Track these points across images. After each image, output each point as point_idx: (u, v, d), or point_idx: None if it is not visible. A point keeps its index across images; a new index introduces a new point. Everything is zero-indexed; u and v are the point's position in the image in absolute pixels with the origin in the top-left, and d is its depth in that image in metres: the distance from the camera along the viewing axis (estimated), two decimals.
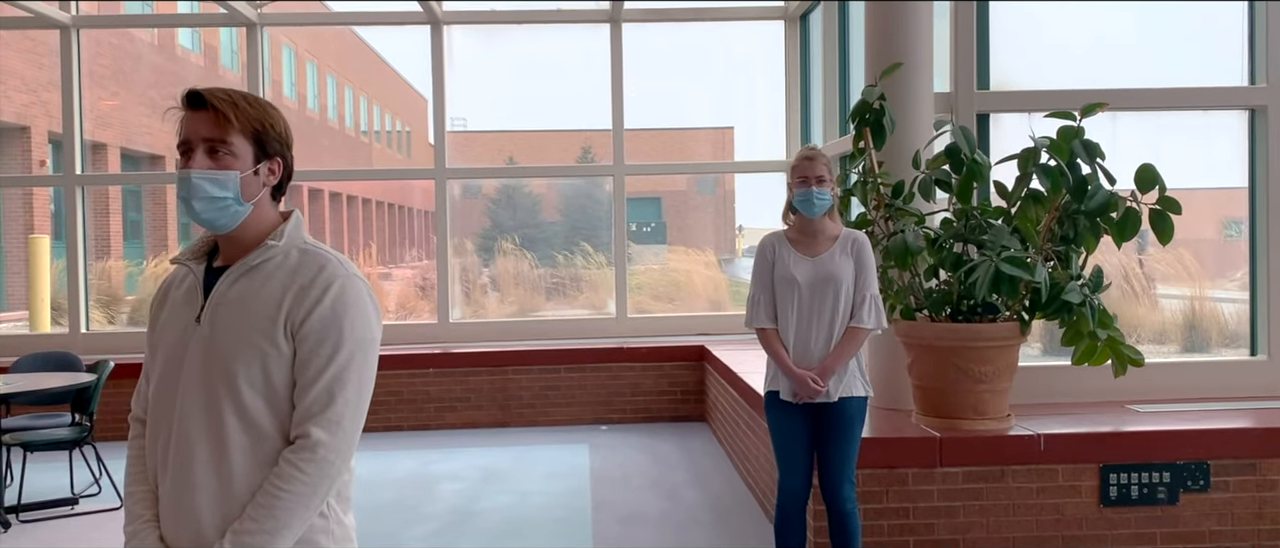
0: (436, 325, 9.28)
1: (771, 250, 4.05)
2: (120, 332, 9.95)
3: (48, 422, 6.52)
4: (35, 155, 15.85)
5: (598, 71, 11.65)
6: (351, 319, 1.99)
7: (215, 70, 22.52)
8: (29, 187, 15.82)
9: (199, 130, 1.99)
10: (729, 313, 9.76)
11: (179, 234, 19.92)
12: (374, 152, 31.90)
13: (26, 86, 15.77)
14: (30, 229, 15.49)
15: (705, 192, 23.01)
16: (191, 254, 2.13)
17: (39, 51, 16.14)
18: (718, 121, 13.80)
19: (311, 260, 2.03)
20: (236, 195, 2.00)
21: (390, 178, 19.30)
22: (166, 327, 2.08)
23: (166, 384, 2.03)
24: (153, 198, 19.27)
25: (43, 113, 16.12)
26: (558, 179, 13.12)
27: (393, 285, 16.01)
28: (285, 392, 1.98)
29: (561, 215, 16.61)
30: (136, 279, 13.33)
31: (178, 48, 21.01)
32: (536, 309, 13.24)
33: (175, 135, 2.06)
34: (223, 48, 23.05)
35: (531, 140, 14.56)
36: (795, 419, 3.98)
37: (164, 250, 18.14)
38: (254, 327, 1.97)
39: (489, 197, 24.33)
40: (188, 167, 1.98)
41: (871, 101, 4.93)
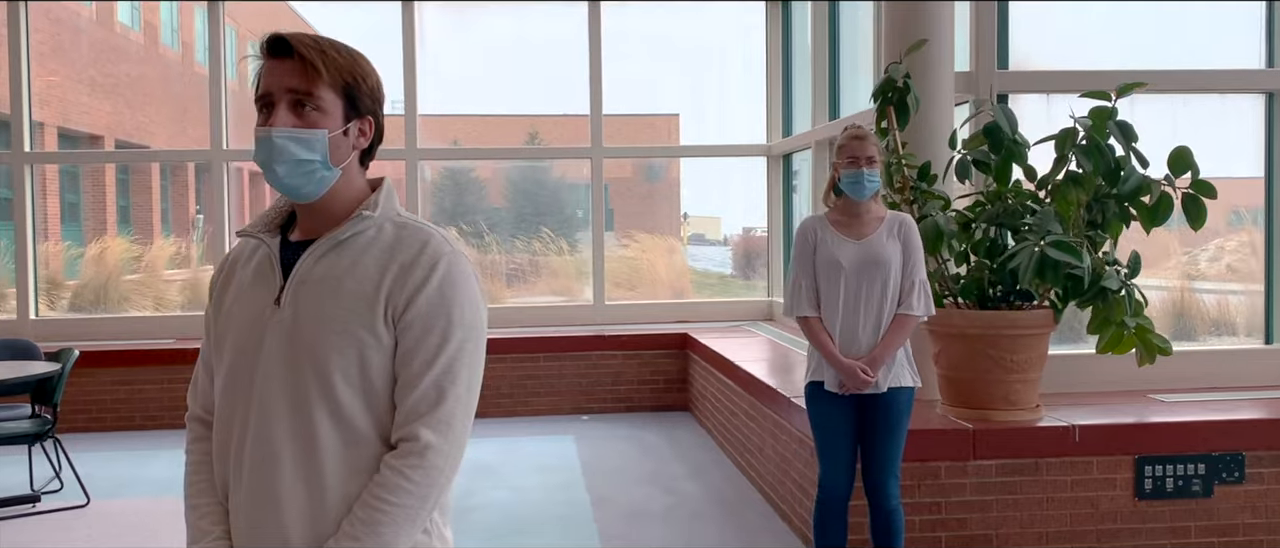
0: None
1: (813, 234, 3.84)
2: (70, 318, 9.50)
3: (5, 414, 6.11)
4: None
5: (556, 54, 11.37)
6: (461, 303, 1.73)
7: (155, 48, 21.77)
8: None
9: (283, 81, 1.70)
10: (698, 300, 9.60)
11: (118, 217, 19.23)
12: None
13: None
14: None
15: (651, 179, 22.78)
16: (263, 226, 1.84)
17: None
18: (682, 106, 13.58)
19: (411, 235, 1.76)
20: (324, 158, 1.73)
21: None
22: (235, 311, 1.79)
23: (239, 378, 1.75)
24: (91, 179, 18.54)
25: None
26: (504, 163, 12.80)
27: None
28: (384, 387, 1.71)
29: (507, 201, 16.28)
30: (77, 263, 12.77)
31: (117, 24, 20.25)
32: (497, 296, 12.93)
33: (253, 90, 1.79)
34: (163, 25, 22.27)
35: (476, 124, 14.13)
36: (840, 411, 3.78)
37: (103, 233, 17.49)
38: (349, 311, 1.69)
39: (432, 181, 23.88)
40: (269, 124, 1.70)
41: (897, 79, 4.74)
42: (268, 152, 1.70)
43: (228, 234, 8.71)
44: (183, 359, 7.88)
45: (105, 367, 7.72)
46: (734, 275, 19.79)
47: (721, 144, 9.77)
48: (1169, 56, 5.67)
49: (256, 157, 1.72)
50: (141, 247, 13.21)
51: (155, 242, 16.11)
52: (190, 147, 21.80)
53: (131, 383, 7.81)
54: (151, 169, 20.32)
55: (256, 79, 1.77)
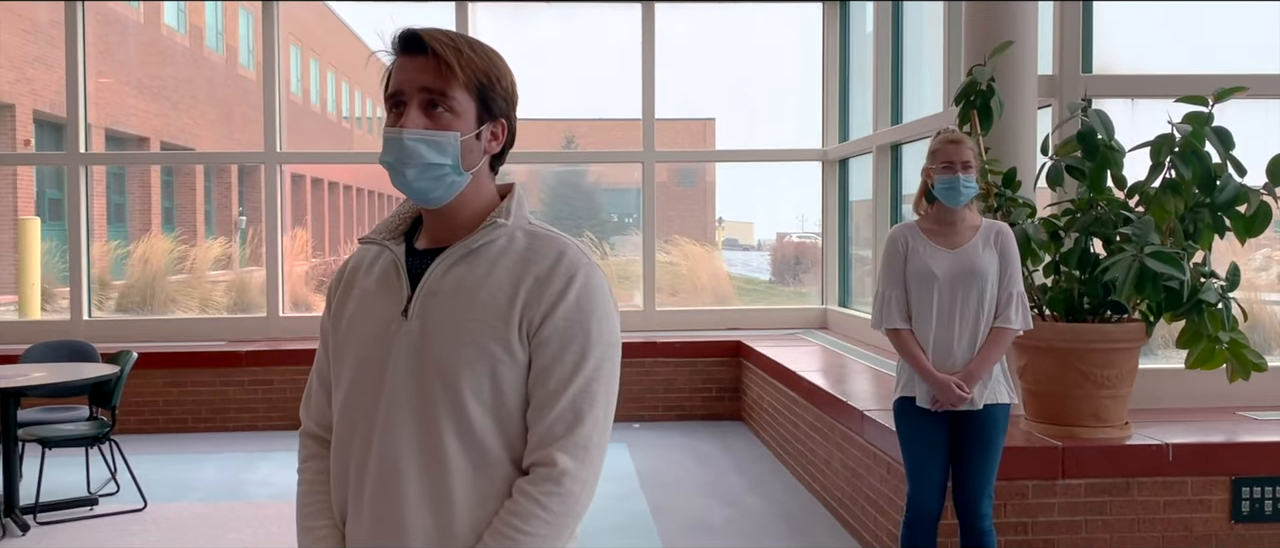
0: None
1: (904, 243, 3.69)
2: (123, 319, 9.50)
3: (64, 416, 6.07)
4: (20, 135, 15.25)
5: (598, 57, 11.23)
6: (599, 318, 1.61)
7: (200, 51, 21.92)
8: (30, 165, 15.30)
9: (416, 80, 1.60)
10: (749, 307, 9.46)
11: (162, 218, 19.35)
12: (355, 137, 31.35)
13: (12, 63, 15.16)
14: (15, 211, 14.90)
15: (685, 184, 22.70)
16: (388, 232, 1.73)
17: (25, 26, 15.54)
18: (725, 110, 13.45)
19: (545, 245, 1.64)
20: (455, 162, 1.61)
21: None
22: (357, 321, 1.68)
23: (362, 395, 1.64)
24: (137, 180, 18.68)
25: (28, 90, 15.52)
26: (541, 167, 12.73)
27: None
28: (516, 407, 1.60)
29: (544, 205, 16.21)
30: (124, 263, 12.82)
31: (164, 27, 20.40)
32: None
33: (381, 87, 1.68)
34: (208, 28, 22.43)
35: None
36: (933, 428, 3.63)
37: (148, 233, 17.59)
38: (481, 325, 1.58)
39: None
40: (399, 124, 1.59)
41: (980, 82, 4.59)
42: (397, 153, 1.59)
43: (280, 236, 8.65)
44: (235, 362, 7.83)
45: (157, 368, 7.68)
46: (773, 282, 19.62)
47: (774, 149, 9.62)
48: (1266, 61, 5.47)
49: (384, 158, 1.62)
50: (186, 247, 13.27)
51: (199, 242, 16.22)
52: (233, 149, 21.99)
53: (183, 385, 7.77)
54: (196, 171, 20.46)
55: (385, 77, 1.66)
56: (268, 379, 7.86)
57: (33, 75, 15.62)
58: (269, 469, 6.63)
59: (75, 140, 8.47)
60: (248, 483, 6.32)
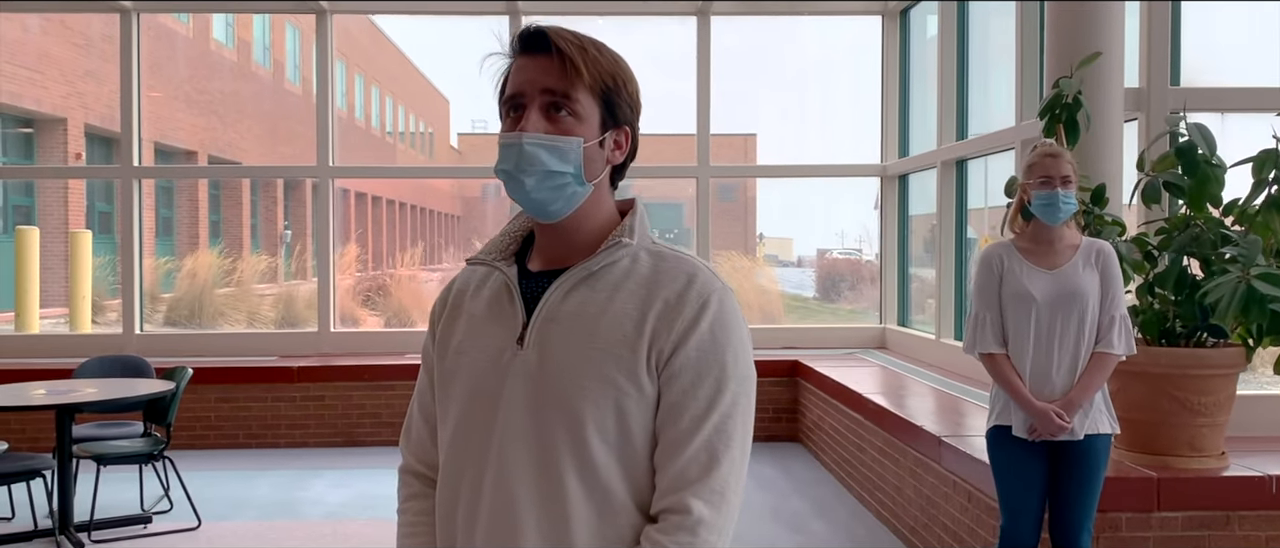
0: None
1: (999, 263, 3.51)
2: (175, 333, 9.48)
3: (118, 432, 6.01)
4: (71, 148, 15.39)
5: (642, 70, 11.07)
6: (735, 349, 1.46)
7: (248, 65, 22.08)
8: (84, 178, 15.47)
9: (538, 80, 1.46)
10: (803, 326, 9.25)
11: (210, 232, 19.47)
12: (398, 152, 31.49)
13: (64, 77, 15.31)
14: (65, 224, 15.01)
15: (725, 199, 22.55)
16: (498, 252, 1.58)
17: (77, 41, 15.69)
18: (771, 124, 13.30)
19: (673, 267, 1.49)
20: (578, 171, 1.47)
21: (467, 176, 18.68)
22: (466, 349, 1.54)
23: (472, 431, 1.50)
24: (185, 194, 18.81)
25: (79, 105, 15.67)
26: None
27: (429, 288, 15.47)
28: (644, 446, 1.44)
29: None
30: (173, 277, 12.86)
31: (212, 41, 20.57)
32: None
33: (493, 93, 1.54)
34: (255, 43, 22.61)
35: None
36: (1030, 459, 3.44)
37: (196, 248, 17.69)
38: (606, 355, 1.43)
39: (504, 200, 23.89)
40: (518, 128, 1.46)
41: (1066, 95, 4.40)
42: (516, 159, 1.45)
43: (333, 251, 8.58)
44: (286, 378, 7.75)
45: (209, 384, 7.62)
46: (818, 298, 19.38)
47: (832, 164, 9.44)
48: None
49: (501, 165, 1.48)
50: (232, 261, 13.31)
51: (245, 256, 16.27)
52: (279, 162, 22.12)
53: (235, 400, 7.70)
54: (242, 185, 20.59)
55: (502, 79, 1.53)
56: (319, 395, 7.77)
57: (84, 89, 15.76)
58: (322, 488, 6.52)
59: (129, 154, 8.46)
60: (302, 502, 6.22)
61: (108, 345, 8.10)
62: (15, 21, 13.61)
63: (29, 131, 15.37)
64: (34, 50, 14.55)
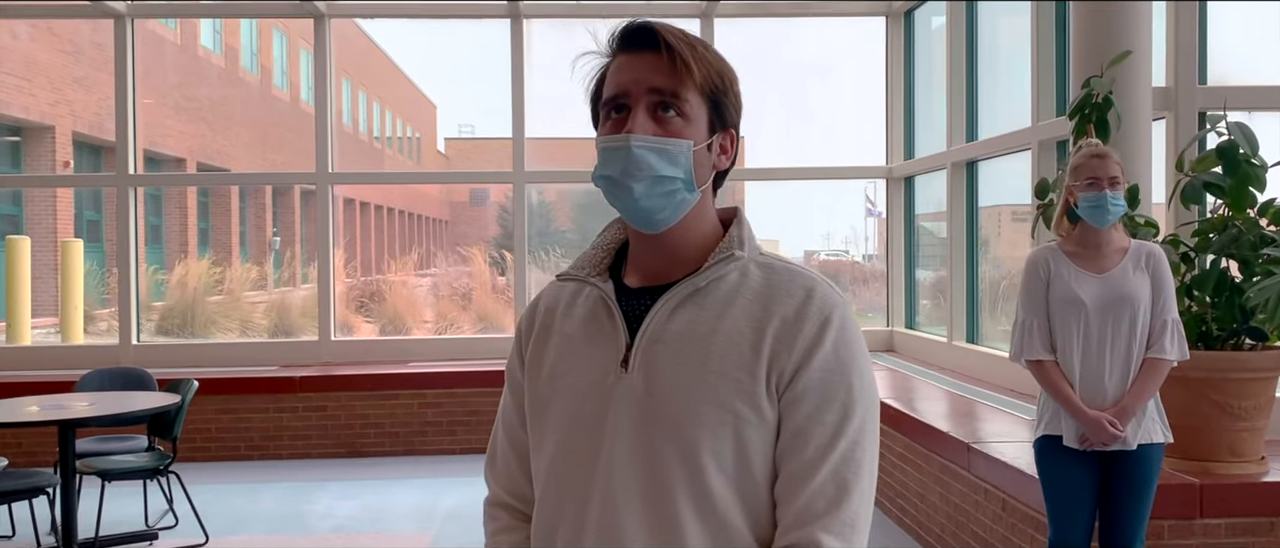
0: (511, 338, 8.60)
1: (1046, 267, 3.41)
2: (172, 343, 9.33)
3: (122, 446, 5.86)
4: (59, 156, 15.18)
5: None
6: (860, 370, 1.35)
7: (235, 72, 21.88)
8: (79, 187, 15.29)
9: (644, 79, 1.35)
10: None
11: (198, 240, 19.27)
12: (386, 158, 31.29)
13: (52, 84, 15.10)
14: (54, 233, 14.80)
15: (718, 200, 22.43)
16: (592, 267, 1.47)
17: (65, 48, 15.49)
18: (764, 126, 13.24)
19: (786, 281, 1.38)
20: (688, 176, 1.37)
21: (467, 181, 18.52)
22: (563, 372, 1.42)
23: (573, 461, 1.38)
24: (175, 202, 18.61)
25: (68, 112, 15.46)
26: (570, 187, 12.50)
27: (422, 294, 15.32)
28: (764, 477, 1.33)
29: (574, 224, 16.00)
30: (163, 286, 12.68)
31: (200, 48, 20.36)
32: None
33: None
34: (243, 49, 22.41)
35: (541, 147, 14.03)
36: (1081, 469, 3.34)
37: (185, 256, 17.49)
38: (721, 378, 1.32)
39: (499, 204, 23.71)
40: (625, 130, 1.34)
41: (1096, 94, 4.32)
42: (624, 164, 1.34)
43: (332, 257, 8.45)
44: (288, 388, 7.61)
45: (209, 394, 7.46)
46: None
47: (836, 166, 9.35)
48: None
49: (604, 170, 1.37)
50: (222, 269, 13.13)
51: (234, 263, 16.09)
52: (267, 169, 21.92)
53: (235, 411, 7.55)
54: (231, 192, 20.37)
55: (596, 79, 1.42)
56: (321, 406, 7.64)
57: (72, 97, 15.56)
58: (329, 500, 6.39)
59: (125, 161, 8.30)
60: (309, 515, 6.09)
61: (104, 356, 7.94)
62: (4, 28, 13.42)
63: (16, 140, 15.16)
64: (22, 57, 14.35)
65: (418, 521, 5.98)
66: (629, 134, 1.34)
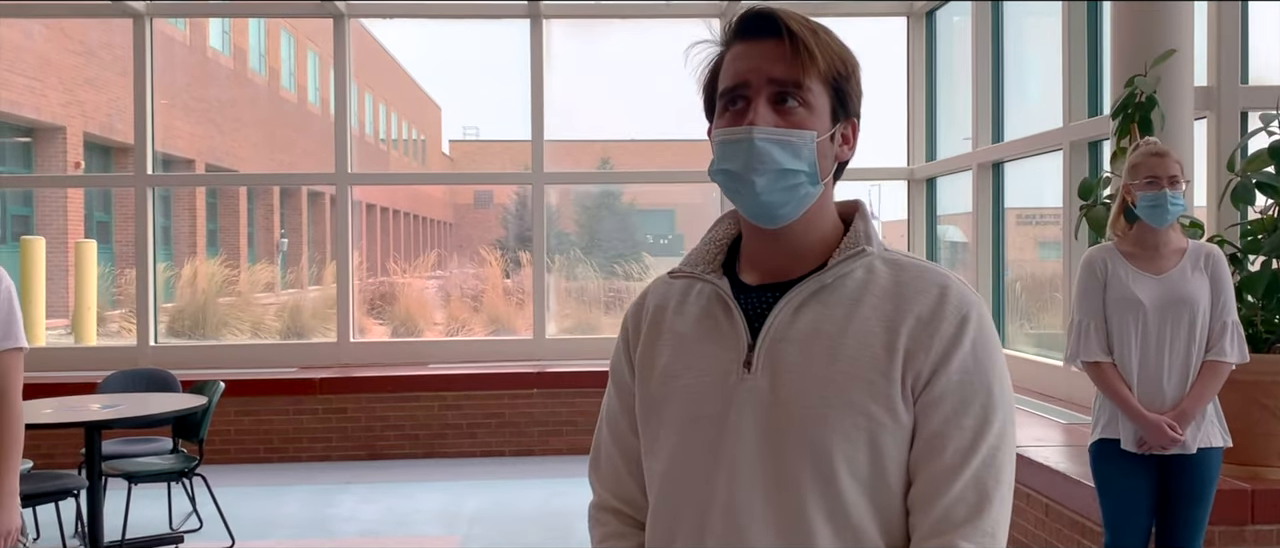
0: (531, 342, 8.58)
1: (1102, 267, 3.35)
2: (190, 345, 9.29)
3: (147, 448, 5.81)
4: (70, 157, 15.14)
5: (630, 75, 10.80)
6: (999, 371, 1.30)
7: (244, 72, 21.85)
8: (97, 187, 15.32)
9: (765, 68, 1.29)
10: None
11: (207, 241, 19.23)
12: (392, 159, 31.26)
13: (63, 85, 15.06)
14: (65, 234, 14.76)
15: (718, 203, 22.36)
16: (705, 263, 1.41)
17: (76, 48, 15.46)
18: None
19: (917, 278, 1.32)
20: (812, 169, 1.31)
21: (483, 182, 18.44)
22: (678, 373, 1.36)
23: (692, 466, 1.33)
24: (184, 203, 18.56)
25: (79, 113, 15.43)
26: (574, 188, 12.45)
27: (432, 295, 15.28)
28: (899, 484, 1.28)
29: (578, 226, 15.96)
30: (172, 286, 12.64)
31: (209, 49, 20.33)
32: (594, 325, 12.57)
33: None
34: (251, 50, 22.38)
35: (548, 149, 14.15)
36: (1138, 474, 3.29)
37: (193, 256, 17.46)
38: (853, 380, 1.26)
39: (503, 205, 23.65)
40: (746, 122, 1.29)
41: (1139, 94, 4.27)
42: (745, 157, 1.28)
43: (351, 259, 8.40)
44: (307, 390, 7.56)
45: (228, 396, 7.37)
46: None
47: (855, 168, 9.28)
48: None
49: (723, 164, 1.31)
50: (231, 270, 13.10)
51: (243, 265, 16.06)
52: (275, 170, 21.90)
53: (256, 413, 7.50)
54: (239, 193, 20.34)
55: (709, 69, 1.36)
56: (341, 408, 7.58)
57: (83, 97, 15.52)
58: (352, 504, 6.34)
59: (143, 162, 8.26)
60: (333, 519, 6.04)
61: (122, 358, 7.89)
62: (17, 28, 13.37)
63: (27, 141, 15.13)
64: (35, 58, 14.32)
65: (444, 524, 5.92)
66: (751, 126, 1.29)
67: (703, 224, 6.33)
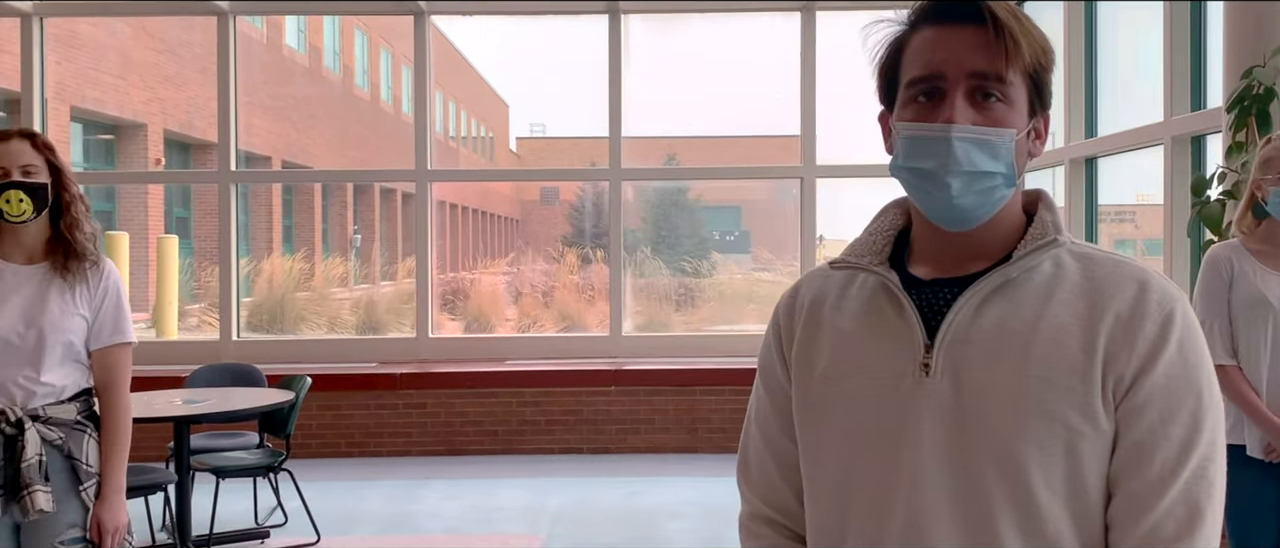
0: (608, 339, 8.52)
1: (1228, 266, 3.19)
2: (271, 340, 9.40)
3: (233, 443, 5.86)
4: (151, 153, 15.46)
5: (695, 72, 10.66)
6: (1208, 374, 1.20)
7: (319, 71, 22.15)
8: (181, 183, 15.69)
9: (965, 60, 1.19)
10: None
11: (283, 237, 19.53)
12: (461, 156, 31.51)
13: (145, 83, 15.38)
14: (146, 229, 15.07)
15: (785, 200, 22.24)
16: (872, 254, 1.31)
17: (156, 46, 15.77)
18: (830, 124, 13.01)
19: (1113, 271, 1.22)
20: (1009, 170, 1.21)
21: (561, 178, 18.50)
22: (844, 373, 1.27)
23: (863, 475, 1.24)
24: (259, 199, 18.86)
25: (159, 110, 15.74)
26: (640, 184, 12.35)
27: (502, 291, 15.34)
28: (1099, 499, 1.18)
29: (644, 222, 15.87)
30: (251, 281, 12.83)
31: (285, 47, 20.63)
32: (665, 322, 12.50)
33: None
34: (326, 48, 22.68)
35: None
36: (1266, 483, 3.13)
37: (269, 252, 17.73)
38: (1047, 385, 1.16)
39: (568, 202, 23.67)
40: (944, 118, 1.19)
41: (1255, 85, 4.08)
42: (943, 157, 1.18)
43: (430, 255, 8.42)
44: (388, 385, 7.59)
45: (309, 390, 7.46)
46: None
47: None
48: None
49: (916, 161, 1.21)
50: (307, 264, 13.27)
51: (317, 260, 16.27)
52: (348, 166, 22.17)
53: (337, 408, 7.55)
54: (314, 190, 20.63)
55: (889, 52, 1.27)
56: (421, 403, 7.60)
57: (164, 95, 15.83)
58: (435, 500, 6.34)
59: (226, 158, 8.37)
60: (417, 515, 6.04)
61: (205, 352, 8.00)
62: (102, 26, 13.67)
63: (110, 138, 15.47)
64: (117, 56, 14.63)
65: (527, 521, 5.89)
66: (949, 124, 1.18)
67: (770, 221, 6.20)
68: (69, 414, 2.80)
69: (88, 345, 2.85)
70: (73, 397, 2.83)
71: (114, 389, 2.87)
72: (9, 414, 2.71)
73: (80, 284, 2.81)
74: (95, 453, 2.84)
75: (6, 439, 2.70)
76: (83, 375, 2.87)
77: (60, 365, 2.79)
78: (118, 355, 2.88)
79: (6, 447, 2.69)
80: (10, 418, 2.71)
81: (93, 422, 2.88)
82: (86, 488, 2.81)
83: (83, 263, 2.82)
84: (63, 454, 2.78)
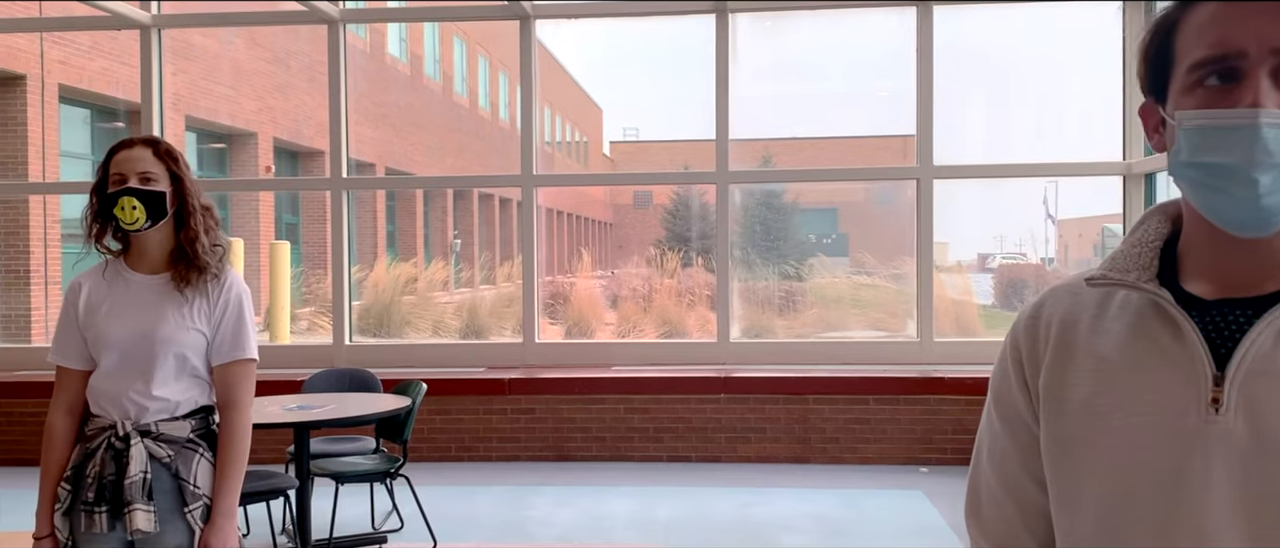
0: (715, 345, 8.36)
1: None
2: (382, 344, 9.47)
3: (350, 447, 5.86)
4: (261, 162, 15.81)
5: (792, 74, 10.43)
6: None
7: (419, 79, 22.45)
8: (299, 189, 16.08)
9: (1270, 33, 1.01)
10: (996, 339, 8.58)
11: (386, 242, 19.82)
12: (556, 161, 31.68)
13: (255, 92, 15.74)
14: (258, 236, 15.41)
15: (883, 202, 21.80)
16: (1140, 269, 1.12)
17: (266, 56, 16.12)
18: (991, 118, 12.58)
19: None
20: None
21: (669, 182, 18.43)
22: (1110, 407, 1.10)
23: (1139, 529, 1.06)
24: (364, 205, 19.18)
25: (269, 119, 16.09)
26: (739, 186, 12.13)
27: (600, 295, 15.28)
28: None
29: (738, 225, 15.63)
30: (358, 285, 13.00)
31: (387, 56, 20.96)
32: (768, 327, 12.29)
33: None
34: (426, 57, 22.98)
35: (705, 149, 13.92)
36: None
37: (374, 258, 17.98)
38: None
39: (662, 206, 23.50)
40: (1248, 103, 1.00)
41: None
42: (1248, 149, 1.00)
43: (537, 260, 8.37)
44: (498, 390, 7.56)
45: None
46: (997, 306, 18.48)
47: (1064, 163, 8.74)
48: None
49: (1211, 155, 1.03)
50: (412, 269, 13.40)
51: (420, 265, 16.47)
52: (449, 173, 22.44)
53: (447, 412, 7.54)
54: (416, 196, 20.93)
55: (1158, 33, 1.10)
56: (530, 409, 7.55)
57: (273, 104, 16.18)
58: (547, 506, 6.26)
59: (338, 165, 8.45)
60: (530, 521, 5.97)
61: (319, 357, 8.08)
62: (215, 37, 14.02)
63: (222, 146, 15.87)
64: (230, 66, 15.00)
65: (639, 530, 5.78)
66: (1257, 108, 1.00)
67: (867, 223, 5.90)
68: (181, 431, 2.70)
69: (208, 361, 2.76)
70: (189, 414, 2.74)
71: (232, 407, 2.76)
72: (119, 428, 2.65)
73: (199, 297, 2.73)
74: (205, 474, 2.72)
75: (115, 453, 2.64)
76: (201, 392, 2.77)
77: (174, 380, 2.70)
78: (237, 372, 2.76)
79: (115, 462, 2.63)
80: (119, 432, 2.64)
81: (207, 441, 2.76)
82: (192, 510, 2.68)
83: (203, 275, 2.72)
84: (170, 473, 2.67)
